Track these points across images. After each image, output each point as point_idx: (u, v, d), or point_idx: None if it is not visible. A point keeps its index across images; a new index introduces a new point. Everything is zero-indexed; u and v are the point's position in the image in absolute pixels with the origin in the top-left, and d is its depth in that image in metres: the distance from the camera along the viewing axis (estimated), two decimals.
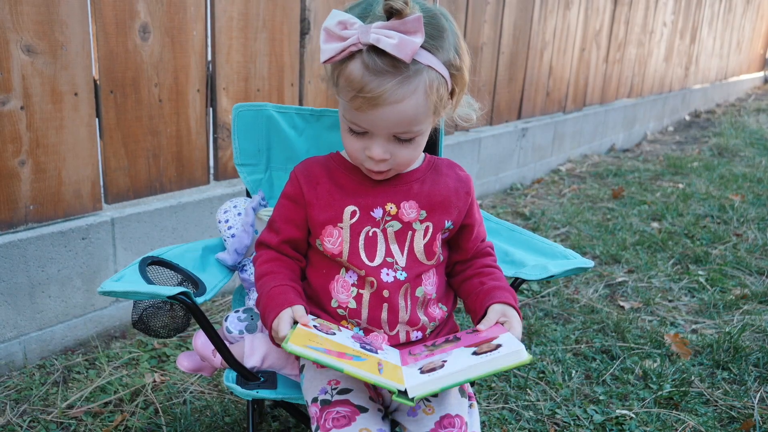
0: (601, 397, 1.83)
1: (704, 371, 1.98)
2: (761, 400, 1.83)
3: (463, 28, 3.33)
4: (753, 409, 1.78)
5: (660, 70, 6.07)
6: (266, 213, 1.45)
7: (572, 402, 1.81)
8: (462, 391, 1.14)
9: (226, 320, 1.35)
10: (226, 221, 1.43)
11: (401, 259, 1.17)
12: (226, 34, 2.18)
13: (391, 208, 1.17)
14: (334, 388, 1.10)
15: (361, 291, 1.16)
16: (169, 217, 2.12)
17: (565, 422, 1.72)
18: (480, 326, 1.13)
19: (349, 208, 1.16)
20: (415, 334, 1.18)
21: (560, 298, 2.43)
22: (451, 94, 1.10)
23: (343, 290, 1.17)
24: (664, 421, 1.74)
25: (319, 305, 1.20)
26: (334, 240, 1.16)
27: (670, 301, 2.49)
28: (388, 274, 1.16)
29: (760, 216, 3.53)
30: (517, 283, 1.29)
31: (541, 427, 1.70)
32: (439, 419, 1.08)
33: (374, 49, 0.99)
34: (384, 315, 1.16)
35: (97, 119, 1.92)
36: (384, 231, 1.17)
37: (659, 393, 1.85)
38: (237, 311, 1.37)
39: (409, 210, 1.18)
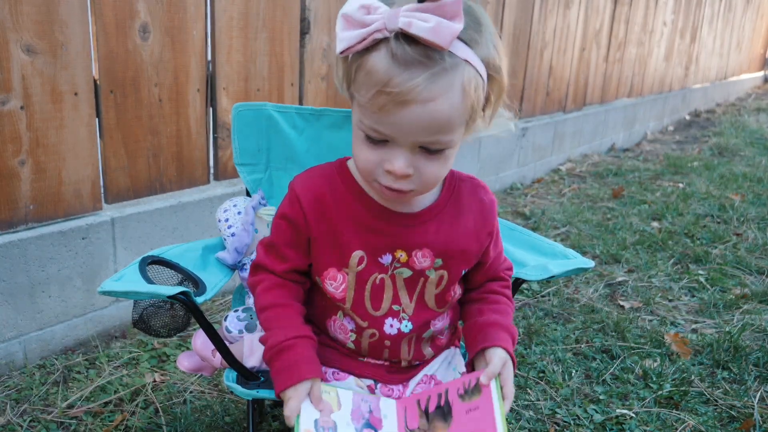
0: (601, 397, 1.83)
1: (704, 371, 1.98)
2: (761, 400, 1.83)
3: None
4: (753, 409, 1.78)
5: (660, 70, 6.07)
6: (266, 212, 1.45)
7: (572, 401, 1.81)
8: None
9: (225, 320, 1.35)
10: (226, 220, 1.43)
11: (409, 307, 1.08)
12: (226, 33, 2.18)
13: (401, 255, 1.05)
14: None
15: (359, 338, 1.09)
16: (170, 217, 2.12)
17: (565, 422, 1.72)
18: (482, 379, 1.00)
19: (357, 254, 1.04)
20: (417, 363, 1.15)
21: (560, 298, 2.43)
22: (486, 100, 0.94)
23: (340, 331, 1.11)
24: (664, 420, 1.74)
25: (317, 328, 1.15)
26: (338, 285, 1.06)
27: (670, 300, 2.49)
28: (392, 326, 1.08)
29: (760, 215, 3.53)
30: (517, 284, 1.29)
31: (541, 427, 1.70)
32: None
33: (403, 37, 0.84)
34: (385, 354, 1.12)
35: (97, 119, 1.92)
36: (392, 277, 1.06)
37: (659, 392, 1.85)
38: (236, 310, 1.37)
39: (422, 259, 1.05)
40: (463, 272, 1.10)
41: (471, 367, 1.10)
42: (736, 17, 7.99)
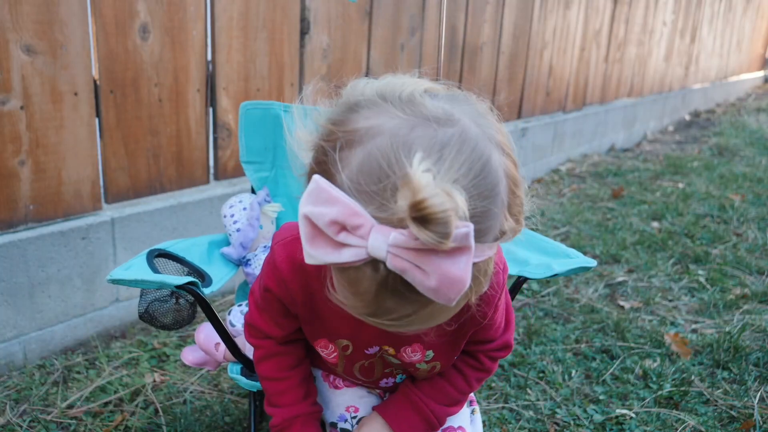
0: (601, 397, 1.83)
1: (704, 371, 1.98)
2: (761, 400, 1.83)
3: (463, 28, 3.32)
4: (753, 409, 1.78)
5: (660, 70, 6.07)
6: (271, 208, 1.46)
7: (572, 402, 1.81)
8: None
9: (229, 314, 1.35)
10: (232, 215, 1.44)
11: (403, 370, 1.06)
12: (226, 33, 2.18)
13: (388, 349, 0.98)
14: (354, 416, 1.09)
15: (355, 384, 1.12)
16: (169, 217, 2.12)
17: (565, 422, 1.72)
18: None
19: (343, 342, 0.99)
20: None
21: (560, 298, 2.43)
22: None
23: (339, 376, 1.13)
24: (664, 420, 1.74)
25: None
26: (329, 352, 1.02)
27: (670, 300, 2.49)
28: (387, 382, 1.07)
29: (760, 215, 3.53)
30: (520, 282, 1.29)
31: (541, 427, 1.70)
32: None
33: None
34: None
35: (97, 119, 1.92)
36: (382, 358, 1.01)
37: (659, 393, 1.85)
38: (240, 305, 1.37)
39: (412, 354, 0.98)
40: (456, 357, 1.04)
41: None
42: (736, 17, 8.00)
